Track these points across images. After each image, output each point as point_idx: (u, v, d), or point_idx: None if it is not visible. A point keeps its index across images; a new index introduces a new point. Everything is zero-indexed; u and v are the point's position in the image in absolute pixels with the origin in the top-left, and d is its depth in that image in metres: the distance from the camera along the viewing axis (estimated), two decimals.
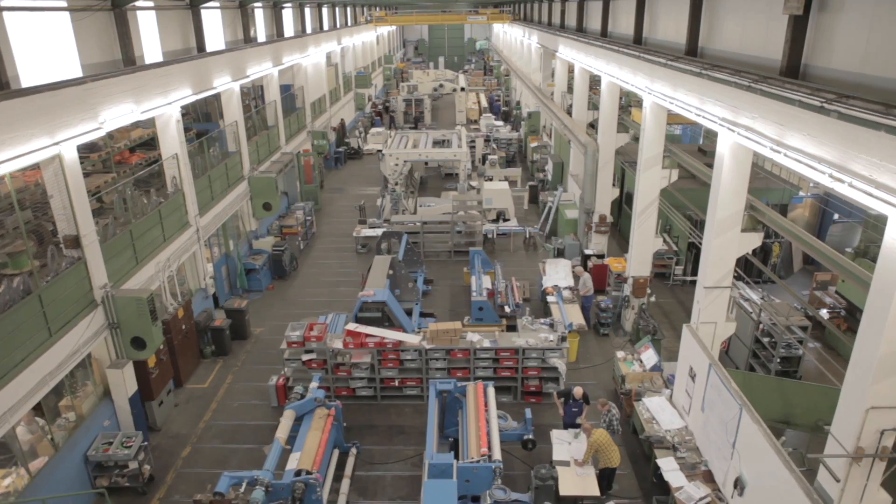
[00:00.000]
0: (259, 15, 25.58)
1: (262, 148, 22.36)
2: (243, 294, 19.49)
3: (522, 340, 13.64)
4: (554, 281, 17.49)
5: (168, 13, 17.45)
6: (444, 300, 18.94)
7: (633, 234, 16.03)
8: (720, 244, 11.11)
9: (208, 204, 17.32)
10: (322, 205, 27.58)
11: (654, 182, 15.39)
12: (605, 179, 19.79)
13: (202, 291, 16.80)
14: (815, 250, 10.71)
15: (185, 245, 15.69)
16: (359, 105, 43.45)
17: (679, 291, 19.29)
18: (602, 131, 19.35)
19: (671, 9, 15.84)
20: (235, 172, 19.60)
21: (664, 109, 14.54)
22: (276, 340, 16.63)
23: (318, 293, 19.63)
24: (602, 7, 21.90)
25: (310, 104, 29.28)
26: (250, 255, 20.10)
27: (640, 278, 16.18)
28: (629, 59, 15.72)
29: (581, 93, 23.08)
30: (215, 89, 17.56)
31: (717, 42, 13.25)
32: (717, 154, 10.83)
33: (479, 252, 19.15)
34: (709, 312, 11.69)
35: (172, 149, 15.40)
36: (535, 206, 27.01)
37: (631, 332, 16.52)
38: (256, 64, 21.18)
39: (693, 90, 11.69)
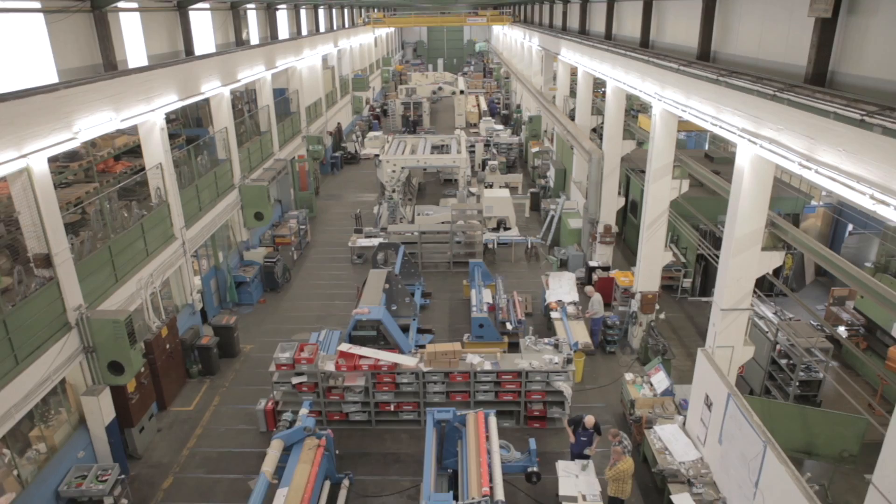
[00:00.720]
0: (252, 17, 24.82)
1: (255, 154, 21.58)
2: (233, 308, 18.71)
3: (525, 363, 12.86)
4: (558, 295, 16.71)
5: (154, 15, 16.68)
6: (442, 315, 18.16)
7: (642, 247, 15.26)
8: (739, 263, 10.34)
9: (196, 215, 16.53)
10: (317, 212, 26.80)
11: (663, 193, 14.62)
12: (611, 188, 19.02)
13: (189, 307, 16.01)
14: (838, 268, 9.92)
15: (171, 259, 14.90)
16: (356, 108, 42.69)
17: (688, 305, 18.52)
18: (607, 138, 18.59)
19: (681, 11, 15.09)
20: (225, 181, 18.82)
21: (675, 117, 13.78)
22: (266, 358, 15.88)
23: (312, 307, 18.84)
24: (606, 9, 21.16)
25: (305, 108, 28.51)
26: (241, 266, 19.31)
27: (649, 294, 15.40)
28: (637, 64, 14.97)
29: (584, 97, 22.32)
30: (203, 95, 16.78)
31: (731, 46, 12.50)
32: (737, 167, 10.06)
33: (479, 264, 18.37)
34: (725, 336, 10.92)
35: (156, 158, 14.62)
36: (537, 213, 26.25)
37: (639, 351, 15.75)
38: (248, 67, 20.41)
39: (709, 98, 10.93)
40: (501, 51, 57.09)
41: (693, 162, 16.52)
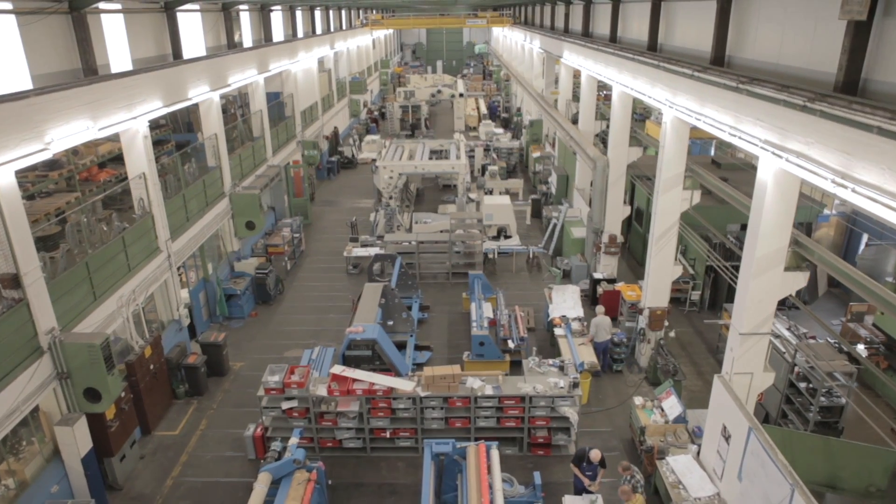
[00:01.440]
0: (245, 18, 24.07)
1: (247, 161, 20.83)
2: (223, 321, 17.96)
3: (529, 387, 12.11)
4: (561, 310, 15.96)
5: (138, 17, 15.93)
6: (441, 330, 17.41)
7: (650, 261, 14.52)
8: (760, 285, 9.60)
9: (183, 226, 15.78)
10: (312, 219, 26.04)
11: (673, 205, 13.89)
12: (616, 197, 18.29)
13: (175, 324, 15.26)
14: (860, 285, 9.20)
15: (155, 274, 14.15)
16: (353, 112, 41.94)
17: (696, 319, 17.78)
18: (613, 145, 17.86)
19: (692, 13, 14.36)
20: (215, 189, 18.07)
21: (687, 125, 13.04)
22: (256, 377, 15.09)
23: (305, 320, 18.08)
24: (611, 10, 20.43)
25: (300, 112, 27.75)
26: (231, 278, 18.55)
27: (658, 310, 14.66)
28: (646, 68, 14.24)
29: (588, 102, 21.58)
30: (190, 100, 16.03)
31: (747, 51, 11.77)
32: (758, 181, 9.33)
33: (479, 276, 17.63)
34: (744, 362, 10.17)
35: (139, 167, 13.88)
36: (538, 220, 25.52)
37: (647, 369, 15.01)
38: (239, 71, 19.67)
39: (726, 106, 10.19)
40: (501, 53, 56.37)
41: (703, 170, 15.82)
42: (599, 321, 14.75)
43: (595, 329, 14.70)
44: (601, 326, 14.72)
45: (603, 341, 14.81)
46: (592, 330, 14.70)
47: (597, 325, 14.72)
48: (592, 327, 14.72)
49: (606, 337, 14.99)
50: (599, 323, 14.74)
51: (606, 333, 14.89)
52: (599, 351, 14.85)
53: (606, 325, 14.83)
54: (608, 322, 14.92)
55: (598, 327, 14.71)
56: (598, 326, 14.72)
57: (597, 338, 14.74)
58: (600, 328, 14.71)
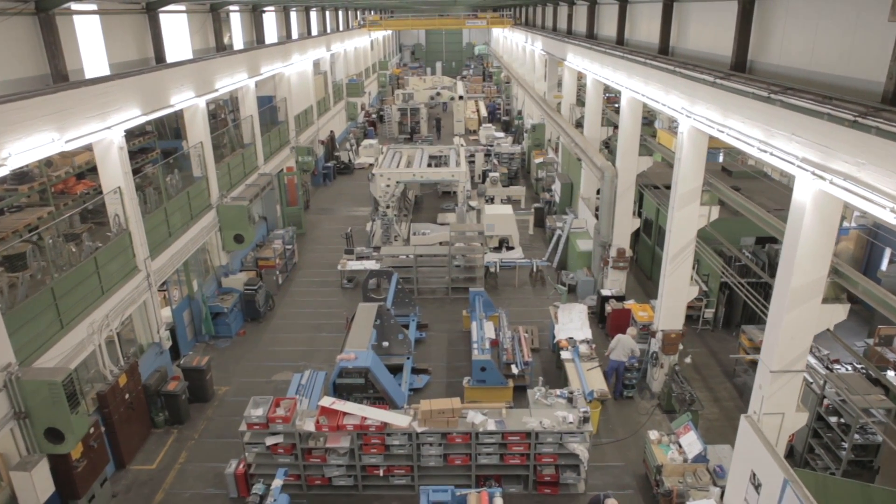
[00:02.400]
0: (236, 19, 23.10)
1: (236, 170, 19.83)
2: (210, 341, 16.95)
3: (535, 421, 11.11)
4: (568, 331, 14.96)
5: (117, 18, 14.94)
6: (440, 351, 16.41)
7: (664, 281, 13.52)
8: (794, 319, 8.61)
9: (164, 242, 14.79)
10: (306, 229, 25.04)
11: (690, 221, 12.90)
12: (625, 209, 17.30)
13: (155, 347, 14.26)
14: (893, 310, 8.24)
15: (132, 295, 13.15)
16: (350, 115, 40.95)
17: (710, 339, 16.79)
18: (621, 154, 16.87)
19: (708, 14, 13.39)
20: (201, 201, 17.07)
21: (705, 136, 12.06)
22: (242, 403, 14.12)
23: (296, 340, 17.08)
24: (618, 11, 19.47)
25: (294, 117, 26.76)
26: (219, 295, 17.55)
27: (672, 333, 13.67)
28: (659, 74, 13.26)
29: (594, 107, 20.61)
30: (173, 107, 15.04)
31: (773, 56, 10.81)
32: (795, 204, 8.34)
33: (480, 293, 16.63)
34: (775, 401, 9.19)
35: (115, 181, 12.88)
36: (541, 230, 24.53)
37: (660, 395, 14.01)
38: (228, 75, 18.68)
39: (754, 118, 9.21)
40: (502, 54, 55.41)
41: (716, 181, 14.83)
42: (624, 339, 13.77)
43: (616, 343, 13.72)
44: (623, 344, 13.74)
45: (618, 361, 13.81)
46: (613, 343, 13.72)
47: (619, 339, 13.73)
48: (614, 341, 13.73)
49: (623, 358, 13.99)
50: (623, 341, 13.75)
51: (624, 355, 13.90)
52: (610, 372, 13.88)
53: (629, 345, 13.84)
54: (632, 343, 13.91)
55: (620, 343, 13.73)
56: (620, 343, 13.73)
57: (613, 354, 13.77)
58: (621, 345, 13.73)
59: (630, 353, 13.97)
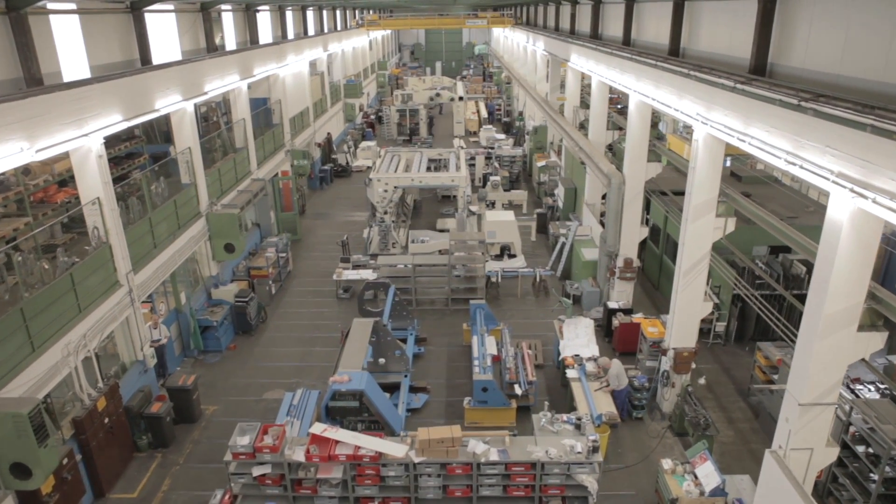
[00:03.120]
0: (228, 19, 22.34)
1: (227, 175, 19.07)
2: (199, 356, 16.20)
3: (541, 450, 10.36)
4: (574, 348, 14.23)
5: (99, 19, 14.19)
6: (439, 366, 15.66)
7: (676, 297, 12.77)
8: (828, 348, 7.86)
9: (149, 254, 14.04)
10: (302, 235, 24.27)
11: (705, 234, 12.15)
12: (633, 217, 16.56)
13: (139, 365, 13.51)
14: None
15: (113, 312, 12.40)
16: (348, 116, 40.17)
17: (722, 354, 16.05)
18: (629, 160, 16.12)
19: (723, 14, 12.64)
20: (189, 209, 16.32)
21: (722, 143, 11.31)
22: (230, 424, 13.34)
23: (289, 354, 16.33)
24: (625, 11, 18.71)
25: (289, 119, 25.99)
26: (208, 307, 16.80)
27: (684, 351, 12.92)
28: (671, 77, 12.50)
29: (599, 110, 19.84)
30: (158, 111, 14.29)
31: (795, 58, 10.06)
32: (829, 223, 7.59)
33: (481, 306, 15.88)
34: (804, 436, 8.44)
35: (93, 191, 12.12)
36: (544, 236, 23.78)
37: (671, 417, 13.26)
38: (218, 77, 17.92)
39: (781, 128, 8.45)
40: (502, 54, 54.63)
41: (732, 190, 14.09)
42: (616, 372, 12.98)
43: (615, 381, 12.93)
44: (619, 374, 12.96)
45: (624, 388, 13.06)
46: (614, 382, 12.92)
47: (616, 375, 12.94)
48: (613, 379, 12.93)
49: (626, 381, 13.22)
50: (618, 373, 12.97)
51: (625, 377, 13.14)
52: (619, 397, 13.12)
53: (621, 369, 13.08)
54: (621, 366, 13.16)
55: (619, 376, 12.95)
56: (618, 376, 12.95)
57: (619, 385, 12.99)
58: (620, 376, 12.96)
59: (626, 375, 13.23)
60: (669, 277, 18.71)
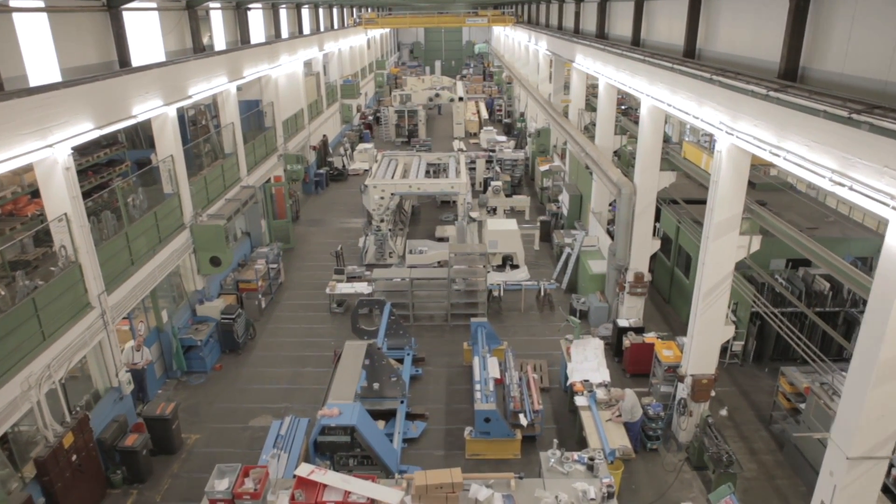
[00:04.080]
0: (217, 18, 21.31)
1: (215, 183, 18.06)
2: (182, 377, 15.21)
3: (550, 496, 9.35)
4: (583, 373, 13.23)
5: (71, 18, 13.17)
6: (438, 390, 14.66)
7: (695, 320, 11.76)
8: (882, 397, 6.87)
9: (126, 271, 13.04)
10: (295, 243, 23.25)
11: (727, 253, 11.15)
12: (644, 229, 15.56)
13: (114, 392, 12.51)
14: None
15: (83, 338, 11.40)
16: (345, 118, 39.13)
17: (739, 375, 15.06)
18: (641, 169, 15.11)
19: (745, 15, 11.64)
20: (172, 220, 15.32)
21: (747, 154, 10.31)
22: (212, 455, 12.50)
23: (278, 376, 15.33)
24: (634, 9, 17.70)
25: (282, 122, 24.97)
26: (193, 324, 15.80)
27: (703, 378, 11.93)
28: (689, 81, 11.50)
29: (606, 114, 18.84)
30: (135, 118, 13.27)
31: (831, 62, 9.10)
32: (887, 255, 6.60)
33: (482, 325, 14.90)
34: (851, 492, 7.44)
35: (60, 206, 11.12)
36: (548, 245, 22.77)
37: (689, 449, 12.26)
38: (204, 79, 16.90)
39: (826, 142, 7.46)
40: (503, 53, 53.56)
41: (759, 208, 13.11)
42: (631, 404, 11.98)
43: (629, 414, 11.93)
44: (634, 406, 11.97)
45: (638, 420, 12.07)
46: (627, 416, 11.92)
47: (629, 409, 11.94)
48: (626, 413, 11.93)
49: (640, 412, 12.23)
50: (632, 406, 11.97)
51: (639, 409, 12.15)
52: (633, 429, 12.12)
53: (636, 400, 12.08)
54: (635, 397, 12.16)
55: (633, 409, 11.96)
56: (632, 408, 11.96)
57: (631, 420, 12.00)
58: (634, 408, 11.96)
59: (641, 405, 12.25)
60: (681, 291, 17.77)
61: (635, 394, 12.21)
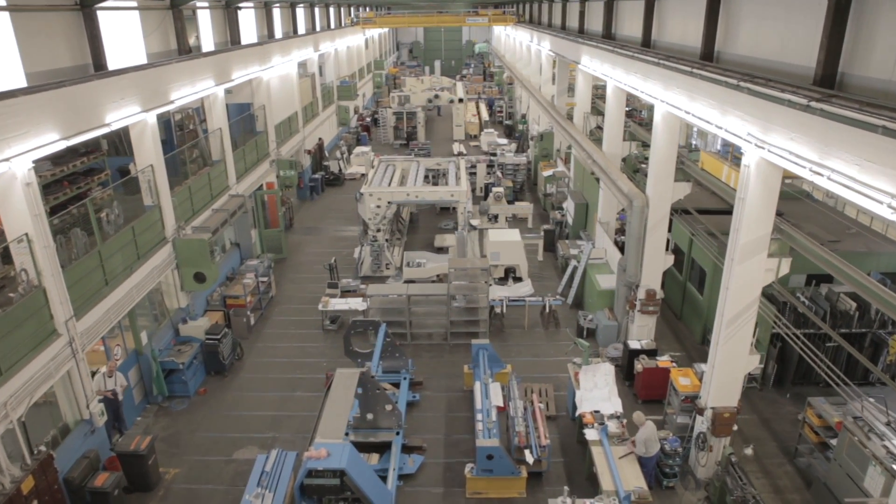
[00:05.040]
0: (205, 17, 20.29)
1: (200, 193, 17.05)
2: (163, 402, 14.22)
3: None
4: (593, 402, 12.23)
5: (38, 18, 12.16)
6: (437, 419, 13.67)
7: (717, 349, 10.77)
8: None
9: (99, 293, 12.05)
10: (288, 253, 22.24)
11: (754, 277, 10.16)
12: (656, 244, 14.57)
13: (85, 425, 11.53)
14: None
15: (48, 369, 10.41)
16: (342, 120, 38.09)
17: (758, 400, 14.07)
18: (654, 180, 14.11)
19: (772, 14, 10.62)
20: (152, 235, 14.32)
21: (779, 170, 9.32)
22: (193, 494, 11.59)
23: (266, 401, 14.33)
24: (644, 9, 16.69)
25: (274, 126, 23.95)
26: (175, 345, 14.81)
27: (725, 412, 10.95)
28: (712, 88, 10.50)
29: (615, 119, 17.85)
30: (109, 126, 12.27)
31: (876, 68, 8.10)
32: None
33: (484, 347, 13.90)
34: None
35: (21, 226, 10.12)
36: (552, 254, 21.77)
37: (708, 487, 11.26)
38: (188, 83, 15.90)
39: (883, 161, 6.46)
40: (503, 53, 52.54)
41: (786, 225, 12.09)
42: (648, 435, 11.00)
43: (644, 446, 10.96)
44: (650, 439, 10.99)
45: (654, 455, 11.09)
46: (641, 449, 10.94)
47: (645, 440, 10.97)
48: (640, 445, 10.96)
49: (657, 447, 11.26)
50: (648, 437, 11.00)
51: (656, 443, 11.17)
52: (648, 464, 11.14)
53: (654, 434, 11.11)
54: (655, 430, 11.18)
55: (648, 441, 10.98)
56: (648, 441, 10.98)
57: (646, 453, 11.02)
58: (650, 441, 10.98)
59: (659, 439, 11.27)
60: (694, 307, 16.78)
61: (655, 427, 11.20)
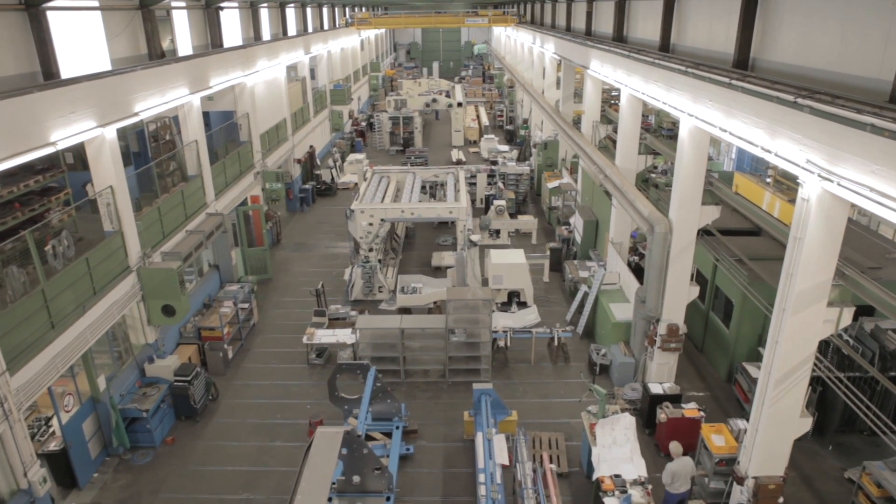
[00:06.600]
0: (181, 18, 18.65)
1: (172, 213, 15.42)
2: (125, 454, 12.60)
3: None
4: (612, 464, 10.55)
5: None
6: (433, 477, 12.03)
7: (761, 411, 9.15)
8: None
9: (39, 340, 10.39)
10: (273, 273, 20.60)
11: (811, 330, 8.54)
12: (681, 274, 12.95)
13: (22, 496, 9.88)
14: None
15: None
16: (335, 126, 36.43)
17: (797, 453, 12.27)
18: (679, 203, 12.49)
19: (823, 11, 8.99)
20: (112, 265, 12.70)
21: (845, 203, 7.71)
22: None
23: (241, 453, 12.69)
24: (663, 9, 15.06)
25: (259, 136, 22.32)
26: (141, 387, 13.18)
27: (771, 483, 9.33)
28: (758, 104, 8.88)
29: (630, 131, 16.23)
30: (54, 145, 10.63)
31: None
32: None
33: (487, 392, 12.26)
34: None
35: None
36: (558, 274, 20.16)
37: None
38: (156, 92, 14.28)
39: None
40: (503, 55, 50.91)
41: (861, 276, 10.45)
42: (679, 469, 9.52)
43: (671, 477, 9.46)
44: (680, 474, 9.50)
45: (679, 494, 9.55)
46: (667, 479, 9.46)
47: (674, 472, 9.49)
48: (667, 475, 9.47)
49: (686, 487, 9.74)
50: (678, 471, 9.52)
51: (687, 482, 9.66)
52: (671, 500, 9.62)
53: (688, 471, 9.62)
54: (691, 466, 9.69)
55: (677, 475, 9.48)
56: (677, 474, 9.49)
57: (671, 487, 9.50)
58: (679, 476, 9.48)
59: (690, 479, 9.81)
60: (718, 340, 15.16)
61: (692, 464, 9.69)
